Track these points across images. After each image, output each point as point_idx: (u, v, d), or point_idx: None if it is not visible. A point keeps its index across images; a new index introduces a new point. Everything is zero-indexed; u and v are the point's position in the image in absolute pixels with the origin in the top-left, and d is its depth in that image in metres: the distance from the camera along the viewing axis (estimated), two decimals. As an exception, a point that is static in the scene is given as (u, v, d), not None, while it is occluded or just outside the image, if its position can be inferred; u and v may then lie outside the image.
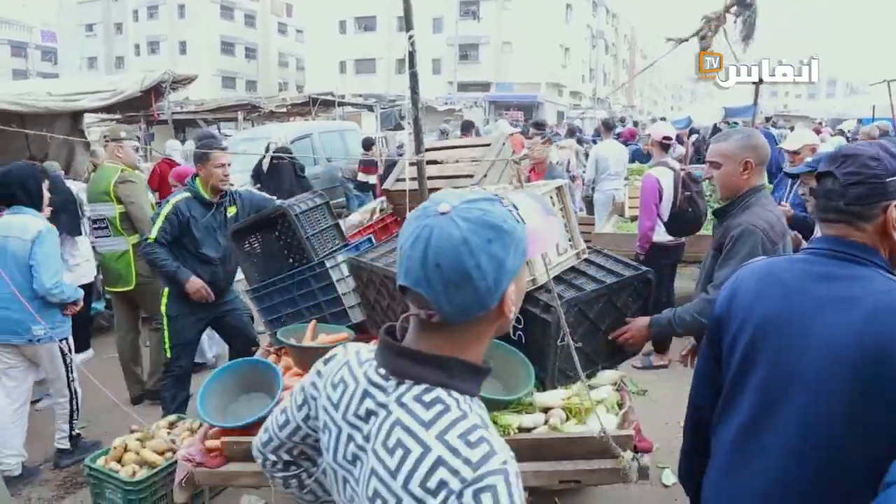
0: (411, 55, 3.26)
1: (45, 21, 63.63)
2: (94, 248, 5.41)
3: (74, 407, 4.07)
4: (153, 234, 3.97)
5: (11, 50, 58.62)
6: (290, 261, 3.63)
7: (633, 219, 6.72)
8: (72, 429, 4.11)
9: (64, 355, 3.92)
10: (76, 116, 8.19)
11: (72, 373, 4.01)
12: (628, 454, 2.27)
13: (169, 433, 3.63)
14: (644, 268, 2.76)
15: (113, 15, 55.74)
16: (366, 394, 1.08)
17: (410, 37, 3.21)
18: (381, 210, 4.36)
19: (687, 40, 5.74)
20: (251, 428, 2.49)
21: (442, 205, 1.00)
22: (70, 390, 4.02)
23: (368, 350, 1.17)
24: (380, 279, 2.85)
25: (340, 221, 3.95)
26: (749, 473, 1.56)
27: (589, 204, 8.97)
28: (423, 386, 1.03)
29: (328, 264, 3.13)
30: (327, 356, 1.23)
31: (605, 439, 2.21)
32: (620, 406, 2.55)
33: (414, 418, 1.00)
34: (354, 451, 1.08)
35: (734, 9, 5.68)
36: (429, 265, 0.98)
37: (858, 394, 1.38)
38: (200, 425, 3.68)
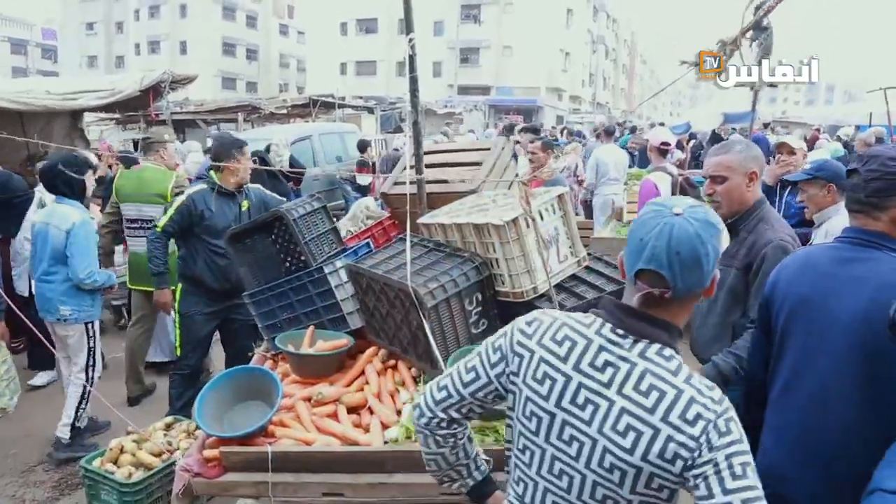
0: (411, 59, 3.21)
1: (48, 18, 63.65)
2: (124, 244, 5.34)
3: (84, 395, 4.14)
4: (161, 222, 4.13)
5: (11, 47, 58.53)
6: (288, 265, 3.58)
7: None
8: (76, 419, 4.14)
9: (88, 338, 4.14)
10: (76, 115, 8.20)
11: (92, 359, 4.16)
12: None
13: (165, 435, 3.63)
14: None
15: (114, 14, 55.74)
16: (601, 348, 1.35)
17: (411, 40, 3.16)
18: (369, 216, 4.21)
19: (697, 65, 5.75)
20: (250, 438, 2.47)
21: (675, 208, 1.31)
22: (86, 375, 4.14)
23: (583, 315, 1.44)
24: (379, 286, 2.80)
25: (338, 224, 3.88)
26: (785, 420, 1.89)
27: (587, 208, 8.98)
28: (657, 344, 1.33)
29: (326, 270, 3.07)
30: (528, 318, 1.49)
31: None
32: None
33: (662, 368, 1.31)
34: (587, 396, 1.34)
35: (750, 33, 5.68)
36: (671, 252, 1.27)
37: (869, 358, 1.67)
38: (197, 428, 3.69)
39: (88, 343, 4.14)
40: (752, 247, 2.50)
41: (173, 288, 4.37)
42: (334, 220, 3.64)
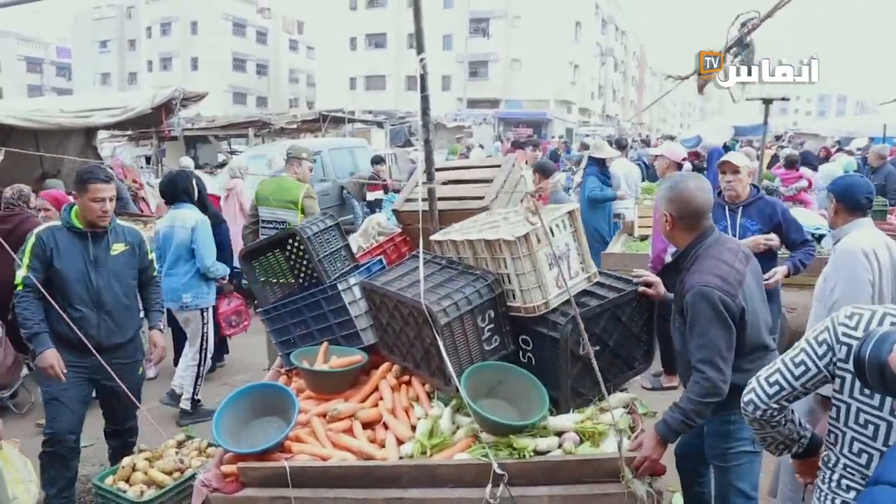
0: (423, 78, 3.22)
1: (60, 37, 64.54)
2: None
3: (200, 373, 4.93)
4: (20, 274, 3.40)
5: (27, 66, 59.43)
6: (301, 281, 3.63)
7: (643, 238, 6.67)
8: (195, 392, 4.92)
9: (203, 324, 4.90)
10: (89, 133, 8.29)
11: (205, 342, 4.94)
12: (640, 482, 2.27)
13: (177, 452, 3.63)
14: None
15: (126, 31, 56.51)
16: None
17: (422, 60, 3.17)
18: (381, 233, 4.39)
19: (687, 78, 5.78)
20: (266, 453, 2.49)
21: None
22: (200, 355, 4.91)
23: None
24: (393, 303, 2.81)
25: (349, 239, 3.92)
26: None
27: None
28: None
29: (340, 287, 3.09)
30: (847, 313, 1.72)
31: (621, 462, 2.24)
32: (633, 429, 2.53)
33: None
34: None
35: (733, 49, 5.72)
36: None
37: None
38: (210, 445, 3.70)
39: (203, 328, 4.89)
40: (681, 289, 2.51)
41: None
42: (346, 237, 3.69)
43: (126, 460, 3.51)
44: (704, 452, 2.76)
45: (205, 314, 4.90)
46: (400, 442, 2.57)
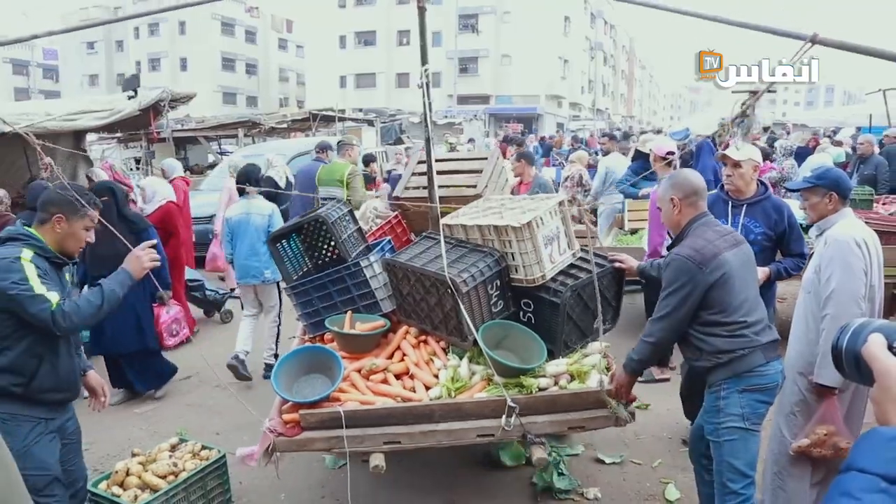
0: (427, 86, 3.59)
1: (48, 39, 64.06)
2: None
3: (278, 332, 5.77)
4: (50, 298, 2.66)
5: (13, 68, 58.93)
6: (316, 260, 4.16)
7: (633, 231, 6.71)
8: (276, 349, 5.68)
9: (279, 293, 5.75)
10: (78, 135, 8.24)
11: (280, 307, 5.80)
12: (621, 406, 2.96)
13: (171, 456, 3.61)
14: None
15: (114, 32, 56.11)
16: None
17: (426, 70, 3.55)
18: (378, 216, 5.07)
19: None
20: (317, 403, 3.06)
21: None
22: (279, 318, 5.80)
23: None
24: (416, 276, 3.40)
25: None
26: None
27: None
28: None
29: (363, 264, 3.66)
30: None
31: (602, 391, 2.93)
32: (608, 369, 3.16)
33: None
34: None
35: (736, 120, 6.08)
36: None
37: None
38: (203, 448, 3.70)
39: (279, 297, 5.78)
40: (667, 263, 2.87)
41: None
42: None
43: (120, 465, 3.49)
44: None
45: (279, 285, 5.68)
46: (426, 388, 3.20)
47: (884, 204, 6.78)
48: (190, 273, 7.11)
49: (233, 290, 7.97)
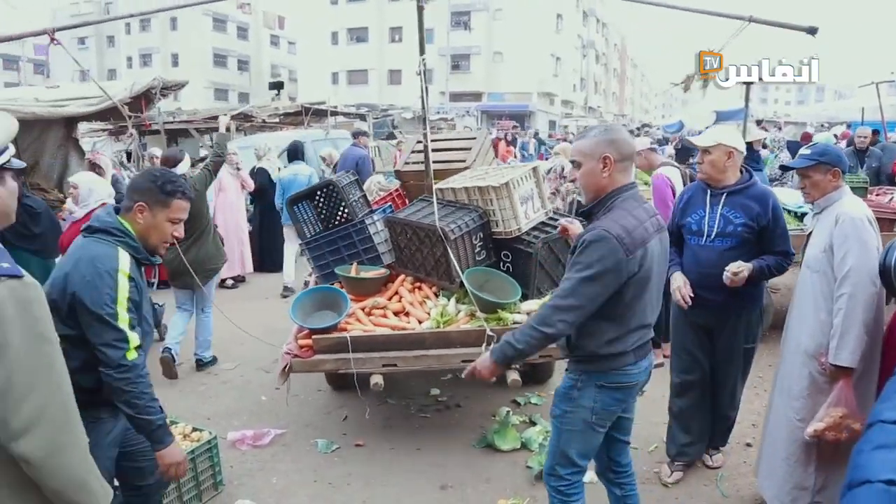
0: (424, 74, 4.05)
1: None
2: None
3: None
4: (131, 343, 2.32)
5: (4, 63, 58.46)
6: (327, 223, 4.88)
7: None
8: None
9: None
10: (69, 125, 8.17)
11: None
12: None
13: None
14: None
15: (105, 27, 55.70)
16: None
17: (423, 60, 4.03)
18: (381, 189, 6.01)
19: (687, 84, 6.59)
20: (327, 331, 3.76)
21: None
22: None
23: None
24: (412, 230, 4.16)
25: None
26: None
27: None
28: None
29: (368, 222, 4.51)
30: None
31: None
32: None
33: None
34: None
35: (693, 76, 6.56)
36: None
37: None
38: (194, 430, 3.70)
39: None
40: (583, 234, 2.42)
41: None
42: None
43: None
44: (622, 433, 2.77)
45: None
46: (419, 322, 3.92)
47: (877, 195, 6.82)
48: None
49: (236, 278, 8.25)
